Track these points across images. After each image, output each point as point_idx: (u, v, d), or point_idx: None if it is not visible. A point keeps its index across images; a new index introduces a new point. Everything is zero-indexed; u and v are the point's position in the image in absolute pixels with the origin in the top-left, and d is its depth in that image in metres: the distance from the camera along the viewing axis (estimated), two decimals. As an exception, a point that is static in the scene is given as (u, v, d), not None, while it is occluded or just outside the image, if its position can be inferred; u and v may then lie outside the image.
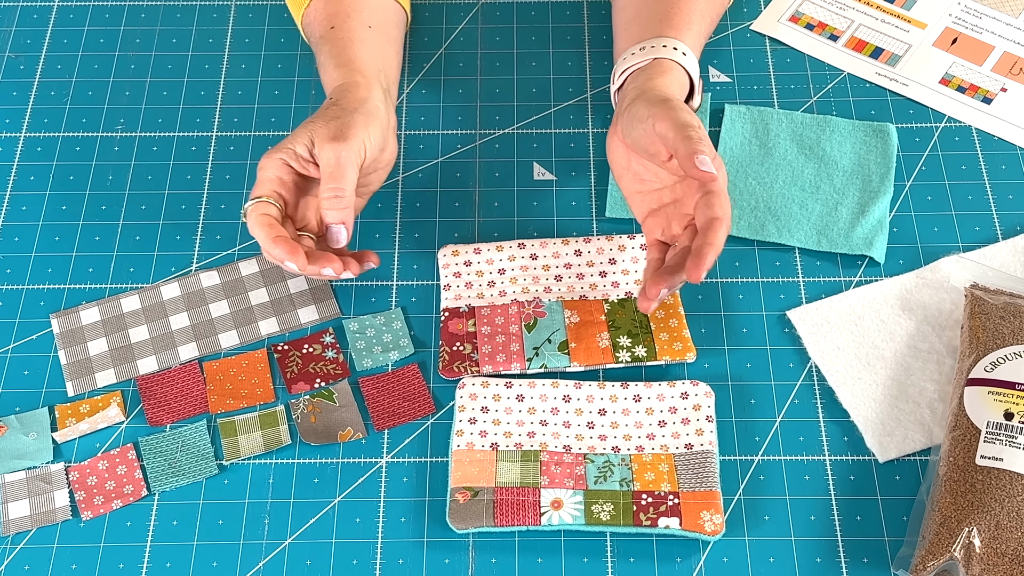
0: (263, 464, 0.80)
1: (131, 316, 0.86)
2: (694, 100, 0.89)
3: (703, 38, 0.91)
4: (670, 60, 0.86)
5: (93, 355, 0.84)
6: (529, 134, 0.97)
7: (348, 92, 0.84)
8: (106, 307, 0.87)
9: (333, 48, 0.88)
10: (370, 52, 0.89)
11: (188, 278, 0.88)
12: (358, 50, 0.88)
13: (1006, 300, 0.82)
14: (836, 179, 0.92)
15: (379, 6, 0.93)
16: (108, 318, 0.86)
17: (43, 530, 0.78)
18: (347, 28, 0.89)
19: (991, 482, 0.73)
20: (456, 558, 0.76)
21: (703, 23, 0.90)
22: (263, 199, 0.80)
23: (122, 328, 0.86)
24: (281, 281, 0.88)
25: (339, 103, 0.83)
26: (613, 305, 0.86)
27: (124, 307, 0.87)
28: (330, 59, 0.88)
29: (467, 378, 0.82)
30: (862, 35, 1.03)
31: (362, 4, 0.91)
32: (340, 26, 0.89)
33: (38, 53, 1.03)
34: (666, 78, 0.85)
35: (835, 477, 0.79)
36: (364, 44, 0.89)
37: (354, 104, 0.83)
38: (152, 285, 0.88)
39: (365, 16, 0.91)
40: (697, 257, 0.76)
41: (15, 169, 0.95)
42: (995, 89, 0.99)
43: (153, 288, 0.88)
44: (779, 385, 0.83)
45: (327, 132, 0.81)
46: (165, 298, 0.87)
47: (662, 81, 0.85)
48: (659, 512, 0.75)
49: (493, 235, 0.91)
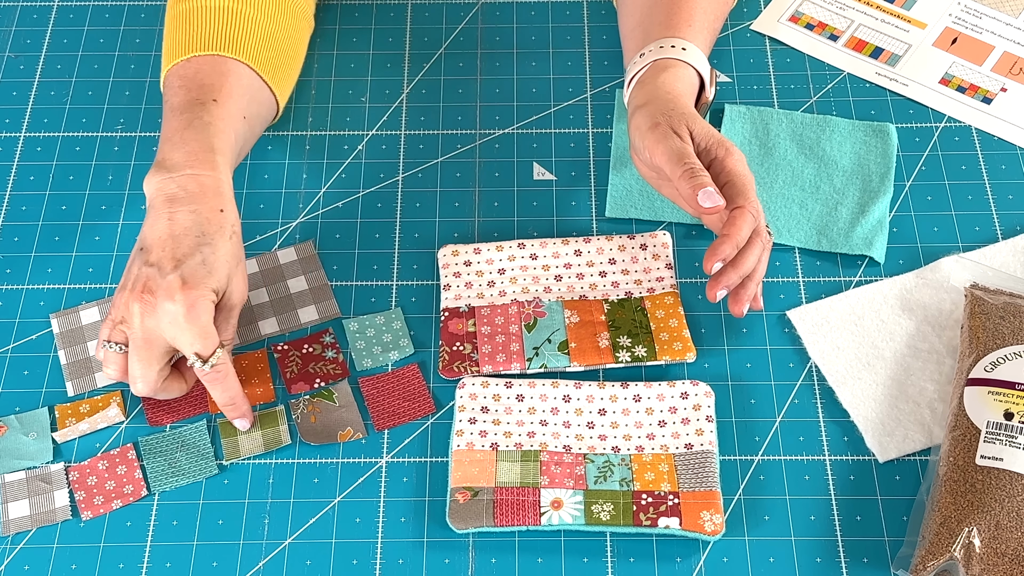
0: (263, 464, 0.80)
1: None
2: (707, 92, 0.89)
3: (708, 33, 0.91)
4: (668, 58, 0.86)
5: (93, 355, 0.84)
6: (529, 134, 0.97)
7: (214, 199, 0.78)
8: (106, 307, 0.86)
9: (210, 124, 0.81)
10: (236, 149, 0.83)
11: None
12: (227, 141, 0.82)
13: (1006, 300, 0.82)
14: (836, 179, 0.92)
15: (256, 96, 0.88)
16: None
17: (43, 530, 0.78)
18: (227, 110, 0.83)
19: (991, 482, 0.73)
20: (456, 558, 0.76)
21: (705, 19, 0.90)
22: (221, 352, 0.76)
23: None
24: (281, 281, 0.88)
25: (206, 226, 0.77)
26: (613, 305, 0.86)
27: None
28: (203, 132, 0.80)
29: (467, 378, 0.82)
30: (862, 35, 1.03)
31: (243, 88, 0.85)
32: (223, 103, 0.83)
33: (38, 53, 1.03)
34: (667, 75, 0.85)
35: (835, 477, 0.79)
36: (236, 137, 0.83)
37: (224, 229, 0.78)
38: None
39: (242, 104, 0.85)
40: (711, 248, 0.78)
41: (15, 169, 0.95)
42: (995, 89, 0.99)
43: None
44: (779, 385, 0.83)
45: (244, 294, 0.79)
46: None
47: (663, 79, 0.85)
48: (659, 512, 0.75)
49: (493, 235, 0.91)
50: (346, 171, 0.94)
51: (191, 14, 0.87)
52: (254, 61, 0.87)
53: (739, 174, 0.80)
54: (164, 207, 0.77)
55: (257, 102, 0.88)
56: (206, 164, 0.79)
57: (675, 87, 0.85)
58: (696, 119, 0.82)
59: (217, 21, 0.86)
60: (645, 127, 0.82)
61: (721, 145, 0.81)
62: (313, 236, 0.91)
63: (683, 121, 0.82)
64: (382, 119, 0.98)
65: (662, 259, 0.88)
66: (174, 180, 0.78)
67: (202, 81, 0.84)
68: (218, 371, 0.77)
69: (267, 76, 0.88)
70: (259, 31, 0.88)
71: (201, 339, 0.75)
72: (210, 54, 0.85)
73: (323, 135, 0.97)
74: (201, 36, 0.86)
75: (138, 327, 0.75)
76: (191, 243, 0.76)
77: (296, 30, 0.93)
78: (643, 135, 0.82)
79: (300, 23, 0.94)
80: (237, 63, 0.85)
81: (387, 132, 0.97)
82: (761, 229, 0.80)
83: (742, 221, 0.79)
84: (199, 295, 0.74)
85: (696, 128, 0.82)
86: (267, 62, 0.88)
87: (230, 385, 0.78)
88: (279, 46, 0.90)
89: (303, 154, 0.96)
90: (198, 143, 0.79)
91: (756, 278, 0.81)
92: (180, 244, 0.76)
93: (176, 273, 0.74)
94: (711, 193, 0.78)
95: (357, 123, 0.98)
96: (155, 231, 0.77)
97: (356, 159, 0.96)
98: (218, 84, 0.84)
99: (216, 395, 0.78)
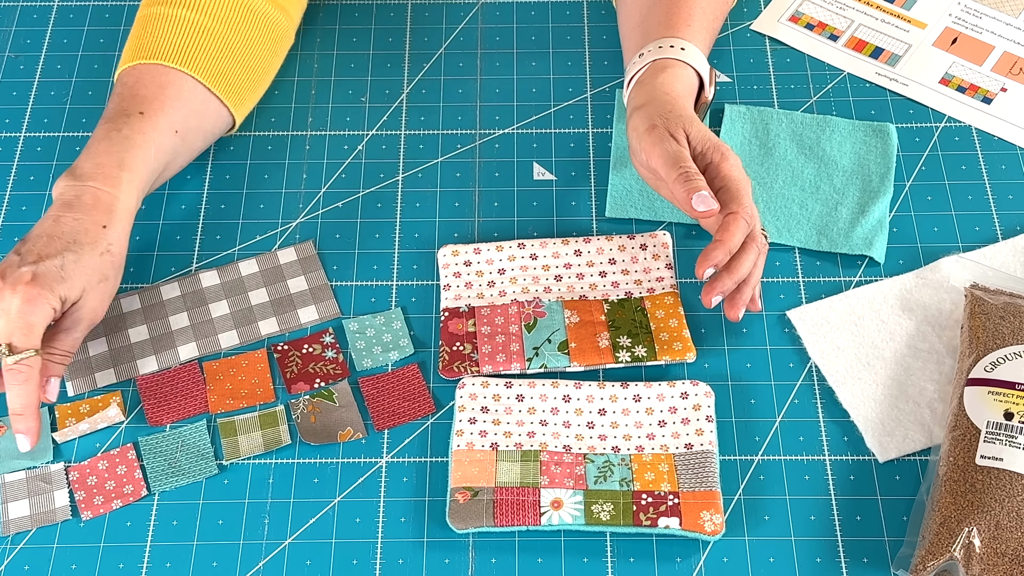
0: (263, 464, 0.80)
1: (131, 316, 0.86)
2: (706, 91, 0.89)
3: (707, 32, 0.91)
4: (667, 58, 0.86)
5: (93, 355, 0.84)
6: (529, 134, 0.97)
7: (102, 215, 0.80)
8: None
9: (128, 138, 0.82)
10: (153, 165, 0.84)
11: (188, 278, 0.88)
12: (142, 156, 0.82)
13: (1006, 300, 0.82)
14: (836, 179, 0.92)
15: (198, 109, 0.87)
16: (108, 318, 0.86)
17: (43, 530, 0.78)
18: (153, 123, 0.84)
19: (991, 482, 0.73)
20: (456, 558, 0.76)
21: (705, 18, 0.90)
22: (33, 353, 0.76)
23: (122, 328, 0.86)
24: (281, 281, 0.88)
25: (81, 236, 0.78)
26: (613, 305, 0.86)
27: (124, 307, 0.87)
28: (118, 146, 0.82)
29: (467, 378, 0.82)
30: (862, 35, 1.03)
31: (181, 102, 0.86)
32: (150, 116, 0.84)
33: (38, 53, 1.03)
34: (665, 75, 0.85)
35: (835, 477, 0.79)
36: (158, 151, 0.84)
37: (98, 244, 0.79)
38: (152, 285, 0.88)
39: (178, 118, 0.85)
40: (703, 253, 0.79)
41: (15, 169, 0.95)
42: (995, 89, 0.99)
43: (153, 288, 0.88)
44: (779, 385, 0.83)
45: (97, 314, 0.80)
46: (165, 298, 0.87)
47: (661, 80, 0.85)
48: (659, 512, 0.75)
49: (493, 235, 0.91)
50: (346, 171, 0.94)
51: (148, 21, 0.88)
52: (203, 73, 0.87)
53: (734, 179, 0.80)
54: (57, 210, 0.80)
55: (199, 115, 0.88)
56: (109, 180, 0.81)
57: (673, 88, 0.85)
58: (693, 122, 0.82)
59: (168, 31, 0.87)
60: (642, 129, 0.82)
61: (717, 149, 0.81)
62: (313, 236, 0.91)
63: (680, 124, 0.82)
64: (382, 119, 0.98)
65: (662, 259, 0.88)
66: (75, 188, 0.80)
67: (137, 92, 0.85)
68: (19, 371, 0.75)
69: (219, 89, 0.88)
70: (215, 43, 0.88)
71: (20, 332, 0.75)
72: (154, 63, 0.86)
73: (323, 135, 0.97)
74: (151, 44, 0.87)
75: None
76: (59, 246, 0.77)
77: (264, 41, 0.92)
78: (640, 137, 0.82)
79: (271, 33, 0.93)
80: (181, 74, 0.86)
81: (387, 132, 0.97)
82: (756, 234, 0.80)
83: (735, 227, 0.79)
84: (40, 294, 0.75)
85: (693, 131, 0.82)
86: (219, 76, 0.88)
87: (27, 392, 0.76)
88: (239, 58, 0.90)
89: (303, 154, 0.96)
90: (109, 157, 0.81)
91: (752, 283, 0.81)
92: (50, 244, 0.77)
93: (31, 267, 0.76)
94: (705, 197, 0.78)
95: (357, 123, 0.98)
96: (39, 227, 0.79)
97: (356, 159, 0.96)
98: (151, 96, 0.85)
99: (10, 398, 0.77)
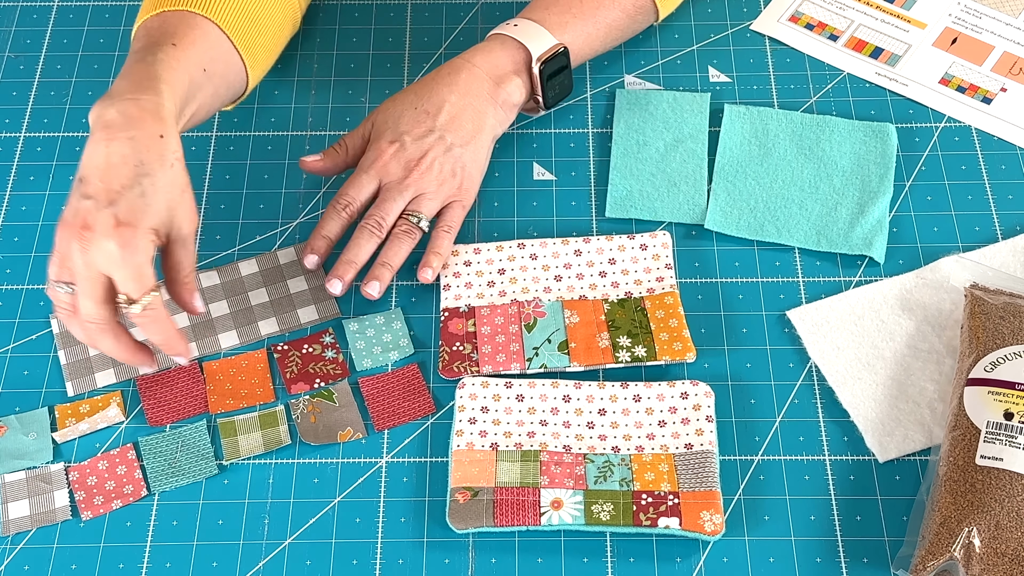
0: (263, 464, 0.80)
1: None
2: (533, 68, 0.91)
3: (565, 15, 0.93)
4: (497, 33, 0.92)
5: (93, 355, 0.84)
6: (529, 134, 0.97)
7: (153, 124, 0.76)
8: None
9: (162, 60, 0.80)
10: (187, 90, 0.81)
11: None
12: (177, 76, 0.80)
13: (1006, 300, 0.82)
14: (835, 179, 0.92)
15: (223, 57, 0.86)
16: None
17: (43, 530, 0.78)
18: (185, 54, 0.82)
19: (991, 482, 0.73)
20: (456, 558, 0.76)
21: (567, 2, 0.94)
22: (154, 295, 0.75)
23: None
24: (281, 281, 0.88)
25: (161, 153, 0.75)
26: (613, 305, 0.86)
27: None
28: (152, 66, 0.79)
29: (467, 378, 0.82)
30: (862, 35, 1.03)
31: (209, 44, 0.84)
32: (182, 48, 0.82)
33: (38, 53, 1.03)
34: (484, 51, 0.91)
35: (835, 477, 0.79)
36: (190, 82, 0.82)
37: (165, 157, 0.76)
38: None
39: (206, 58, 0.84)
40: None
41: (15, 169, 0.95)
42: (995, 89, 0.99)
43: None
44: (779, 385, 0.83)
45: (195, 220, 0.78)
46: (164, 298, 0.87)
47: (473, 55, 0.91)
48: (659, 512, 0.75)
49: (493, 235, 0.91)
50: (346, 171, 0.94)
51: None
52: (226, 24, 0.86)
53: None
54: (102, 133, 0.74)
55: (224, 63, 0.86)
56: (148, 89, 0.77)
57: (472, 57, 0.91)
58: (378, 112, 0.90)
59: None
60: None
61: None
62: (313, 236, 0.91)
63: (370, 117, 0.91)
64: (382, 119, 0.98)
65: (662, 259, 0.88)
66: (114, 105, 0.75)
67: (166, 29, 0.83)
68: (146, 315, 0.75)
69: (239, 44, 0.87)
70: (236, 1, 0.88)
71: (133, 280, 0.73)
72: (181, 10, 0.84)
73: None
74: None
75: (80, 264, 0.73)
76: (128, 174, 0.73)
77: (277, 12, 0.92)
78: None
79: (283, 9, 0.93)
80: (207, 21, 0.85)
81: (387, 132, 0.97)
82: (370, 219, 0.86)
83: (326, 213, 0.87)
84: (135, 233, 0.72)
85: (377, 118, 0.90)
86: (241, 31, 0.87)
87: (161, 328, 0.77)
88: (257, 20, 0.89)
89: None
90: (144, 72, 0.78)
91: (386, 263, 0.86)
92: (118, 175, 0.73)
93: (110, 209, 0.72)
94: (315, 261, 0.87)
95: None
96: (92, 160, 0.74)
97: (356, 159, 0.95)
98: (181, 32, 0.83)
99: (150, 335, 0.77)
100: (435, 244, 0.87)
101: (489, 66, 0.90)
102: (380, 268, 0.86)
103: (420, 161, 0.87)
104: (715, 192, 0.92)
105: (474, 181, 0.89)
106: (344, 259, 0.85)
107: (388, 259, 0.86)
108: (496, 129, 0.91)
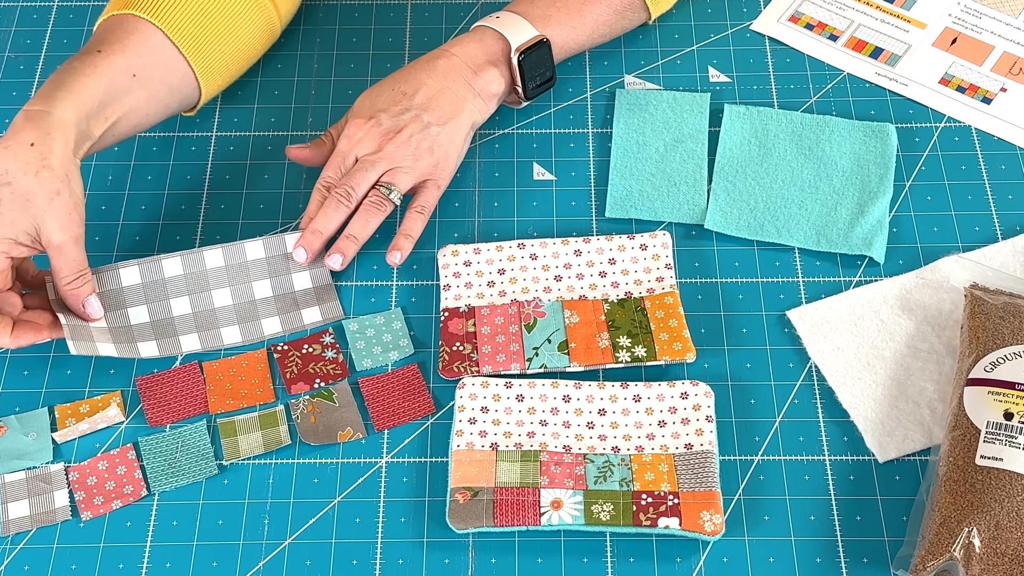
0: (263, 464, 0.80)
1: (131, 293, 0.85)
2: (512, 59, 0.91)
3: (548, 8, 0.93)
4: (479, 25, 0.92)
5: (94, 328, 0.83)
6: (529, 134, 0.97)
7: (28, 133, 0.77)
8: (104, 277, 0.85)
9: (76, 68, 0.81)
10: (101, 96, 0.81)
11: (191, 255, 0.86)
12: (87, 85, 0.80)
13: (1006, 300, 0.82)
14: (835, 179, 0.92)
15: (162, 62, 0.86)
16: (106, 291, 0.84)
17: (43, 530, 0.78)
18: (108, 60, 0.82)
19: (991, 482, 0.73)
20: (456, 558, 0.76)
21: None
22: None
23: (121, 305, 0.85)
24: (285, 274, 0.88)
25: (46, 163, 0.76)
26: (613, 305, 0.86)
27: (123, 279, 0.85)
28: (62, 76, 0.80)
29: (467, 378, 0.82)
30: (862, 35, 1.03)
31: (146, 49, 0.85)
32: (107, 55, 0.83)
33: (38, 53, 1.03)
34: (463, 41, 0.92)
35: (835, 477, 0.79)
36: (109, 85, 0.82)
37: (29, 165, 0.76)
38: (154, 258, 0.86)
39: (138, 64, 0.84)
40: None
41: (15, 169, 0.95)
42: (995, 89, 0.99)
43: (154, 261, 0.86)
44: (779, 385, 0.83)
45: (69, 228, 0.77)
46: (167, 275, 0.86)
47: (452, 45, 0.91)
48: (659, 512, 0.75)
49: (493, 235, 0.91)
50: (345, 171, 0.94)
51: None
52: (171, 28, 0.86)
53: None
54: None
55: (163, 67, 0.87)
56: (44, 98, 0.78)
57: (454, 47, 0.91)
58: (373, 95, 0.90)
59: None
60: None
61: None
62: (313, 236, 0.91)
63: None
64: (382, 119, 0.98)
65: (662, 259, 0.88)
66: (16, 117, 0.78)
67: (100, 35, 0.84)
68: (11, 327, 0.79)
69: (186, 49, 0.87)
70: (192, 4, 0.88)
71: None
72: (126, 13, 0.85)
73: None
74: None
75: None
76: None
77: (246, 22, 0.92)
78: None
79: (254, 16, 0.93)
80: (149, 24, 0.85)
81: (387, 132, 0.97)
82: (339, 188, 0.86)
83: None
84: None
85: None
86: (188, 35, 0.87)
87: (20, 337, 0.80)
88: (211, 25, 0.89)
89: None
90: (52, 80, 0.80)
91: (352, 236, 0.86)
92: None
93: None
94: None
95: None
96: None
97: (356, 159, 0.95)
98: (115, 37, 0.84)
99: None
100: (407, 226, 0.87)
101: (467, 56, 0.91)
102: (345, 241, 0.86)
103: (396, 135, 0.87)
104: (715, 192, 0.92)
105: (451, 161, 0.89)
106: (311, 228, 0.85)
107: (354, 231, 0.86)
108: (475, 116, 0.91)
